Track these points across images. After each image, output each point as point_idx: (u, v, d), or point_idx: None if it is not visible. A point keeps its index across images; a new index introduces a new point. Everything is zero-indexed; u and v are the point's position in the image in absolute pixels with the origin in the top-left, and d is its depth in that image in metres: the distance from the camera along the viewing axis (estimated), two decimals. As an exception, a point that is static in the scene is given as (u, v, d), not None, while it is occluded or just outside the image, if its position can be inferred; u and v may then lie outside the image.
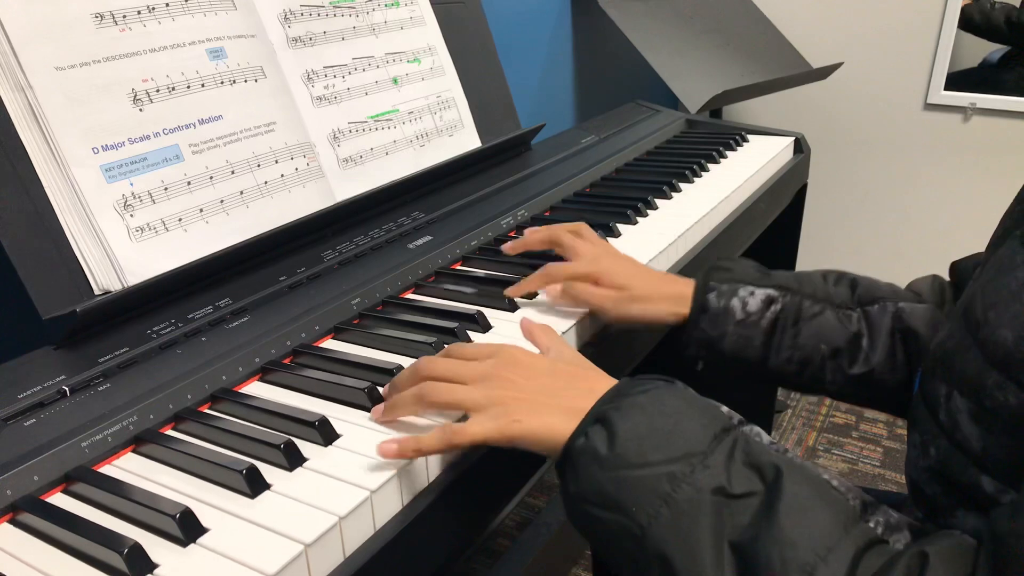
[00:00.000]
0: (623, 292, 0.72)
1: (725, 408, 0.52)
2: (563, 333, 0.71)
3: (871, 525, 0.44)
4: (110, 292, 0.66)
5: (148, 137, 0.71)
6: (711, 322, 0.71)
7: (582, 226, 0.78)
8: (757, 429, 0.51)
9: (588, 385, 0.54)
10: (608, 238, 0.91)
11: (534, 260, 0.80)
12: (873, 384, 0.70)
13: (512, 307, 0.74)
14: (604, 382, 0.55)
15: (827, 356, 0.70)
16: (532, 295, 0.76)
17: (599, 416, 0.50)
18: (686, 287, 0.73)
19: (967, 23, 1.92)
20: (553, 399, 0.53)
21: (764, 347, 0.71)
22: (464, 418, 0.55)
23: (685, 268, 0.91)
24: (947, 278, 0.72)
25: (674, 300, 0.73)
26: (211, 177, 0.75)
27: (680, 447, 0.47)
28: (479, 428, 0.52)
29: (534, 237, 0.78)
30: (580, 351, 0.73)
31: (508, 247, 0.79)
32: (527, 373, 0.55)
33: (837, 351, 0.70)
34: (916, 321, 0.68)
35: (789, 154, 1.34)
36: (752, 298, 0.71)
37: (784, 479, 0.45)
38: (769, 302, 0.71)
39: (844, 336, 0.70)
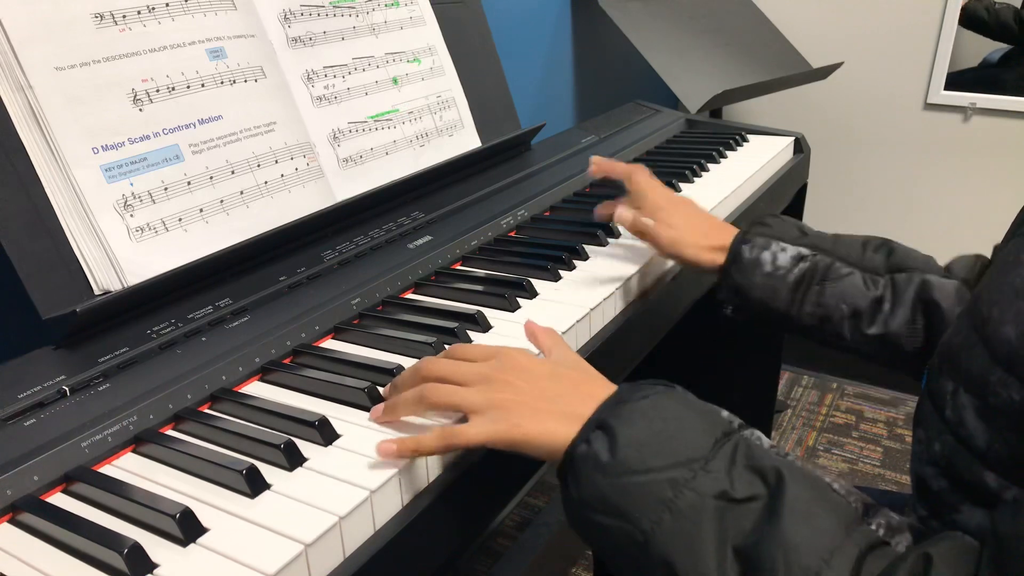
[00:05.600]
0: (678, 234, 0.81)
1: (725, 412, 0.52)
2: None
3: (873, 527, 0.44)
4: (110, 292, 0.66)
5: (148, 137, 0.71)
6: (740, 271, 0.78)
7: (634, 168, 0.90)
8: (758, 433, 0.51)
9: (589, 390, 0.54)
10: (609, 238, 0.92)
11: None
12: (889, 346, 0.74)
13: (512, 307, 0.75)
14: (605, 388, 0.55)
15: (847, 315, 0.75)
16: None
17: (600, 422, 0.50)
18: (730, 237, 0.80)
19: (973, 21, 1.90)
20: (554, 404, 0.53)
21: (788, 299, 0.77)
22: (464, 419, 0.55)
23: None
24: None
25: (717, 250, 0.80)
26: (211, 177, 0.75)
27: (681, 452, 0.47)
28: (478, 430, 0.52)
29: (618, 166, 0.90)
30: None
31: (595, 167, 0.91)
32: (528, 376, 0.55)
33: (857, 311, 0.74)
34: (940, 295, 0.71)
35: (789, 154, 1.34)
36: (783, 254, 0.77)
37: (786, 483, 0.45)
38: (799, 259, 0.77)
39: (866, 299, 0.74)
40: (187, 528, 0.46)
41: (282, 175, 0.81)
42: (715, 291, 0.82)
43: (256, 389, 0.63)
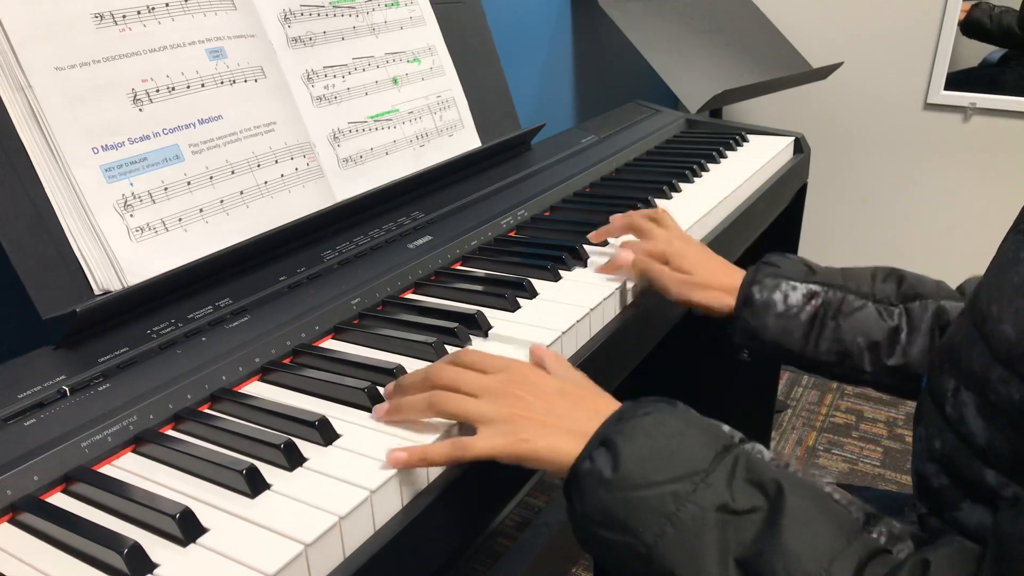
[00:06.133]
0: (688, 277, 0.78)
1: (726, 427, 0.52)
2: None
3: (874, 536, 0.44)
4: (110, 292, 0.66)
5: (148, 137, 0.71)
6: (753, 314, 0.76)
7: (660, 212, 0.86)
8: (759, 447, 0.51)
9: (594, 407, 0.55)
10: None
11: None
12: (910, 376, 0.72)
13: (512, 307, 0.75)
14: (609, 404, 0.55)
15: (864, 348, 0.73)
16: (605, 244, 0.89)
17: (604, 439, 0.51)
18: (739, 280, 0.78)
19: (976, 29, 1.90)
20: (560, 420, 0.54)
21: (804, 338, 0.75)
22: (465, 426, 0.55)
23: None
24: None
25: (730, 292, 0.78)
26: (211, 177, 0.75)
27: (682, 466, 0.48)
28: (487, 444, 0.52)
29: (615, 224, 0.86)
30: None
31: (593, 235, 0.88)
32: (536, 392, 0.56)
33: (875, 344, 0.72)
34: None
35: (789, 154, 1.34)
36: (794, 293, 0.75)
37: (786, 494, 0.45)
38: (810, 296, 0.75)
39: (883, 330, 0.72)
40: (187, 528, 0.46)
41: (282, 175, 0.81)
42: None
43: (256, 389, 0.63)
